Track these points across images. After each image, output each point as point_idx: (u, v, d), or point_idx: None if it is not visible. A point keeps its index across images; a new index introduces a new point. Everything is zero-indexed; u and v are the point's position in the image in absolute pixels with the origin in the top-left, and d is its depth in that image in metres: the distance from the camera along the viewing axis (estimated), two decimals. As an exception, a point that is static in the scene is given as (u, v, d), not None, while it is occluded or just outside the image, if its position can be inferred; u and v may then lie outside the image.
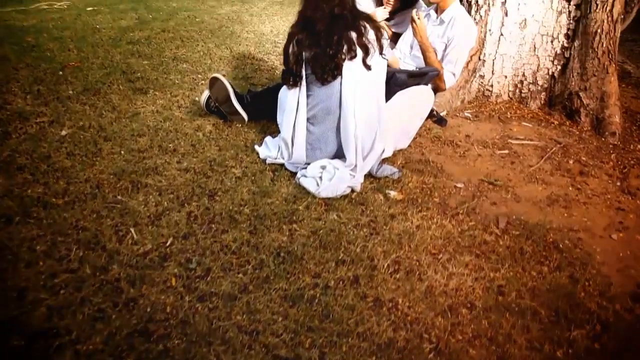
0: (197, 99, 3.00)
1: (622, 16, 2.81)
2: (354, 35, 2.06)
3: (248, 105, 2.66)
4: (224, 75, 2.80)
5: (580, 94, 2.83)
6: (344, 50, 2.05)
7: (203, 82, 3.32)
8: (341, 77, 2.08)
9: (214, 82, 2.57)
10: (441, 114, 2.85)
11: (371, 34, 2.08)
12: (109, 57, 3.82)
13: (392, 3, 3.26)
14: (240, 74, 3.49)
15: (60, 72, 3.47)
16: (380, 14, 3.24)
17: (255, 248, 1.78)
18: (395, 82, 2.34)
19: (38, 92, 3.12)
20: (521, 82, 3.10)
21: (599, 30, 2.76)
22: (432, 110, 2.78)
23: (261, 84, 3.33)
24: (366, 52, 2.06)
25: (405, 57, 3.07)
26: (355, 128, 2.06)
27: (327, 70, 2.06)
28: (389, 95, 2.32)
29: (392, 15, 3.39)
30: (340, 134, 2.11)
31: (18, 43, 4.17)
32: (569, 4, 2.88)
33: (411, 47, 3.11)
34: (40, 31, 4.57)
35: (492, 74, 3.10)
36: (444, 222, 1.93)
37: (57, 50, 4.02)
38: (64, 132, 2.58)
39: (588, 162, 2.44)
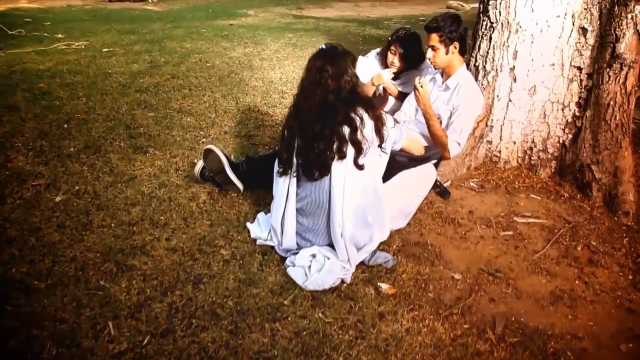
0: (195, 160, 2.96)
1: (636, 88, 2.68)
2: (346, 130, 1.93)
3: (244, 175, 2.60)
4: (218, 144, 2.76)
5: (592, 167, 2.70)
6: (333, 148, 1.93)
7: (204, 140, 3.29)
8: (330, 175, 1.98)
9: (208, 153, 2.52)
10: (445, 185, 2.75)
11: (368, 127, 1.96)
12: (116, 108, 3.84)
13: (397, 65, 3.21)
14: (243, 131, 3.45)
15: (65, 125, 3.49)
16: (386, 75, 3.18)
17: (233, 352, 1.69)
18: (396, 165, 2.24)
19: (40, 148, 3.13)
20: (530, 148, 2.98)
21: (611, 103, 2.64)
22: (435, 181, 2.68)
23: (263, 143, 3.28)
24: (358, 150, 1.94)
25: (410, 121, 2.99)
26: (343, 228, 1.96)
27: (314, 168, 1.97)
28: (387, 176, 2.23)
29: (398, 75, 3.33)
30: (330, 230, 2.01)
31: (30, 90, 4.24)
32: (581, 72, 2.77)
33: (416, 111, 3.03)
34: (53, 76, 4.65)
35: (500, 139, 2.99)
36: (436, 324, 1.81)
37: (67, 98, 4.07)
38: (58, 199, 2.56)
39: (598, 247, 2.30)
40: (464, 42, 2.71)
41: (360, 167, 1.97)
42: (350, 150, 1.96)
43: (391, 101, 3.40)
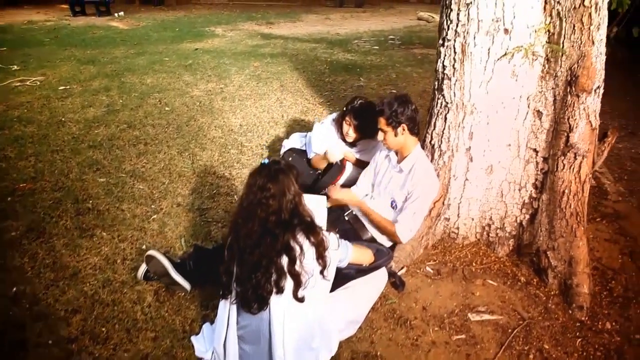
0: (144, 247, 2.85)
1: (590, 176, 2.65)
2: (285, 261, 1.85)
3: (191, 272, 2.50)
4: (159, 249, 2.67)
5: (548, 253, 2.66)
6: (271, 280, 1.85)
7: (155, 216, 3.16)
8: (270, 308, 1.90)
9: (150, 259, 2.42)
10: (400, 273, 2.69)
11: (309, 256, 1.87)
12: (65, 172, 3.68)
13: (352, 136, 3.15)
14: (196, 203, 3.33)
15: (9, 198, 3.34)
16: (338, 154, 3.14)
17: None
18: (343, 277, 2.17)
19: (-20, 232, 2.97)
20: (489, 225, 2.94)
21: (566, 191, 2.60)
22: (389, 269, 2.61)
23: (216, 219, 3.17)
24: (297, 283, 1.86)
25: (366, 199, 2.92)
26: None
27: (252, 301, 1.88)
28: (334, 287, 2.15)
29: (355, 143, 3.27)
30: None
31: (-24, 146, 4.03)
32: (537, 155, 2.72)
33: (372, 186, 2.97)
34: (2, 127, 4.47)
35: (458, 217, 2.94)
36: None
37: (15, 158, 3.90)
38: (-8, 308, 2.42)
39: (550, 352, 2.26)
40: (414, 122, 2.63)
41: (300, 300, 1.89)
42: (289, 283, 1.87)
43: (349, 169, 3.33)
